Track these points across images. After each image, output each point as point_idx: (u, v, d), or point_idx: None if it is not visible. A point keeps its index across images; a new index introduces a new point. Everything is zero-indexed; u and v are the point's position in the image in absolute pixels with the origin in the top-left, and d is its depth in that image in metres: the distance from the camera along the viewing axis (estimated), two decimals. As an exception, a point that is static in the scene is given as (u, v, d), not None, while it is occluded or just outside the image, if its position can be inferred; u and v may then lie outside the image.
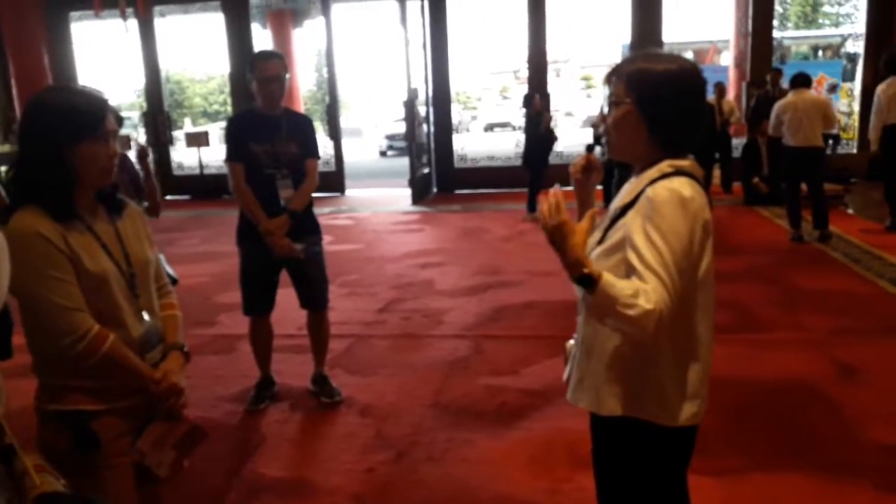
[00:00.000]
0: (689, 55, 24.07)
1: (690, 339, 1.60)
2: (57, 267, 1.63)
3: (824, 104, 7.10)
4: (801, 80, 7.09)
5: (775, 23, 11.00)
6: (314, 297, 3.77)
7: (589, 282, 1.40)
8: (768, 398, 3.66)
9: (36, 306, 1.66)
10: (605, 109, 1.63)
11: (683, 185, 1.50)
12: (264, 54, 3.62)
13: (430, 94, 11.79)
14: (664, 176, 1.53)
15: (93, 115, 1.68)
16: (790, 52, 20.91)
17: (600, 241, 1.64)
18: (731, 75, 12.74)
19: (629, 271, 1.48)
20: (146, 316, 1.84)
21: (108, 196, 1.82)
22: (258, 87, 3.46)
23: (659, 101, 1.54)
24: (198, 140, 12.92)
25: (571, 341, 1.83)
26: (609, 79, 1.62)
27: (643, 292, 1.41)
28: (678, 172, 1.54)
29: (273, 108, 3.51)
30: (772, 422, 3.41)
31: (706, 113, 1.62)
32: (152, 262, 1.91)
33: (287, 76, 3.55)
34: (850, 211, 8.48)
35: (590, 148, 1.78)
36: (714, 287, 1.65)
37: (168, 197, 12.22)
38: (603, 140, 1.71)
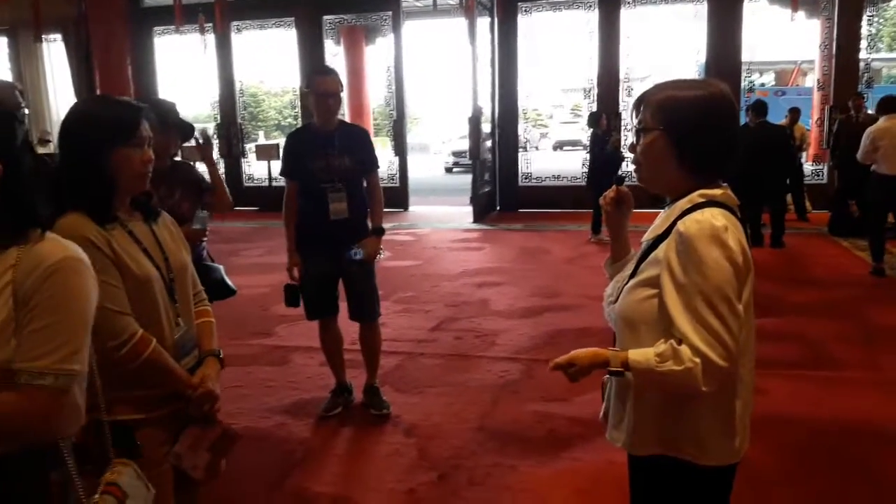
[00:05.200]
0: (770, 76, 23.53)
1: (730, 377, 1.53)
2: (104, 271, 1.64)
3: None
4: (893, 105, 6.65)
5: (864, 44, 10.50)
6: (363, 308, 3.80)
7: (619, 373, 1.49)
8: (833, 440, 3.44)
9: None
10: (634, 138, 1.59)
11: (715, 216, 1.44)
12: (321, 70, 3.69)
13: (497, 111, 11.77)
14: (695, 207, 1.48)
15: (128, 121, 1.73)
16: (880, 75, 19.89)
17: (632, 275, 1.59)
18: (815, 98, 12.21)
19: (662, 311, 1.46)
20: (181, 322, 1.87)
21: (142, 204, 1.86)
22: (315, 103, 3.54)
23: (688, 127, 1.49)
24: (267, 153, 13.23)
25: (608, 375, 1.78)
26: (636, 107, 1.58)
27: (672, 354, 1.40)
28: (710, 203, 1.48)
29: (329, 123, 3.57)
30: (835, 465, 3.21)
31: (739, 138, 1.55)
32: (189, 268, 1.95)
33: (342, 92, 3.61)
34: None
35: (619, 180, 1.72)
36: (753, 323, 1.58)
37: (237, 208, 12.54)
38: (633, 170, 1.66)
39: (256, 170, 13.46)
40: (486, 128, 11.46)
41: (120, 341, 1.68)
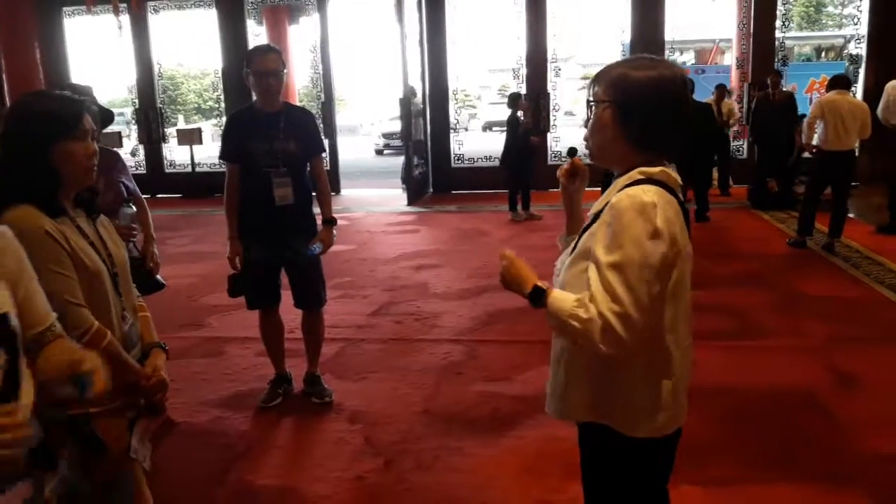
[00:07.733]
0: (690, 55, 24.28)
1: (659, 353, 1.58)
2: (62, 264, 1.69)
3: (867, 110, 6.66)
4: (843, 82, 6.76)
5: (778, 23, 10.90)
6: (310, 296, 3.73)
7: (539, 295, 1.50)
8: (763, 405, 3.59)
9: None
10: (588, 112, 1.62)
11: (647, 192, 1.47)
12: (261, 49, 3.54)
13: (427, 91, 11.69)
14: (633, 183, 1.51)
15: (69, 115, 1.75)
16: (792, 54, 20.77)
17: (573, 249, 1.62)
18: (734, 76, 12.66)
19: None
20: (127, 315, 1.90)
21: (85, 200, 1.87)
22: (255, 82, 3.40)
23: (637, 103, 1.52)
24: (189, 137, 12.78)
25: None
26: (591, 85, 1.62)
27: (584, 304, 1.43)
28: (647, 180, 1.51)
29: (271, 103, 3.45)
30: (765, 430, 3.35)
31: (688, 119, 1.59)
32: (128, 264, 1.98)
33: (285, 71, 3.48)
34: (851, 215, 8.38)
35: (571, 152, 1.73)
36: (689, 299, 1.61)
37: (159, 195, 12.11)
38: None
39: (178, 155, 12.99)
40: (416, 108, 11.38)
41: (78, 332, 1.69)
